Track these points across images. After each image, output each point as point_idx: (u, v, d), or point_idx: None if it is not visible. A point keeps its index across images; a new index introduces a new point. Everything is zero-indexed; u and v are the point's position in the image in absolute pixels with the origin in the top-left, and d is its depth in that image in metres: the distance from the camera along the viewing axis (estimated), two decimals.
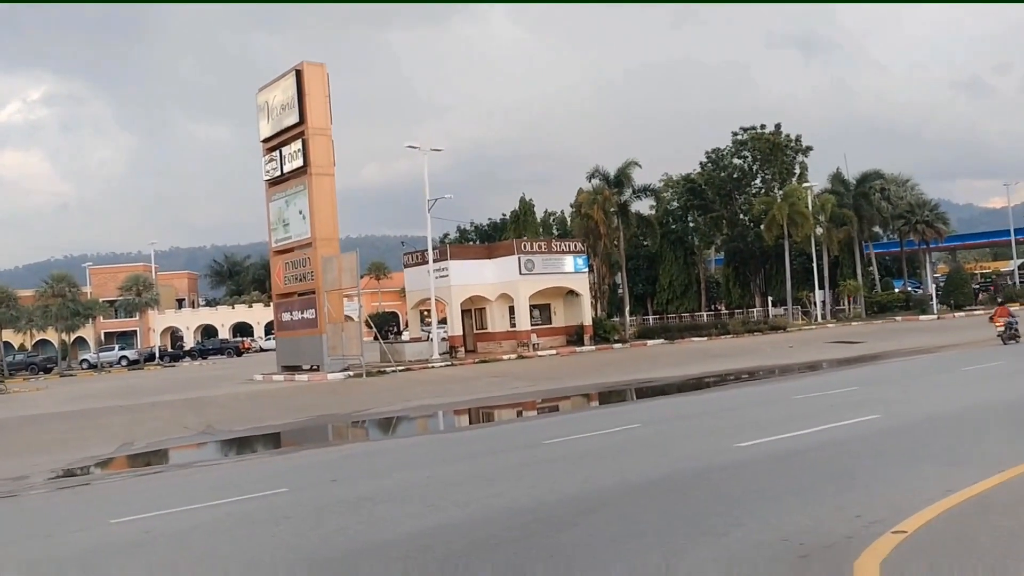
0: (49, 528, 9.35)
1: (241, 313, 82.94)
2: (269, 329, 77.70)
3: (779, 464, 9.61)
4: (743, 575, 5.85)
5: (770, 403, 16.39)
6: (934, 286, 53.59)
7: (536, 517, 7.79)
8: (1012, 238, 61.35)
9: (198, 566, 7.23)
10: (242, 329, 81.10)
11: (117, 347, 66.16)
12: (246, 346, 69.09)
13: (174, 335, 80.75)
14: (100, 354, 60.23)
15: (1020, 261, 61.89)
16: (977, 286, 59.66)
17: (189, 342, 77.01)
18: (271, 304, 74.42)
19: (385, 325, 67.16)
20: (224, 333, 79.43)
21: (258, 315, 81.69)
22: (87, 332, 67.00)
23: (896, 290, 58.04)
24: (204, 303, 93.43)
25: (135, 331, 76.43)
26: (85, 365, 60.80)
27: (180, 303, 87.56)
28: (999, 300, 52.74)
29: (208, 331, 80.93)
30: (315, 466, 13.00)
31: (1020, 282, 59.35)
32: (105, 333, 74.04)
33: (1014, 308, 48.74)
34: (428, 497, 9.09)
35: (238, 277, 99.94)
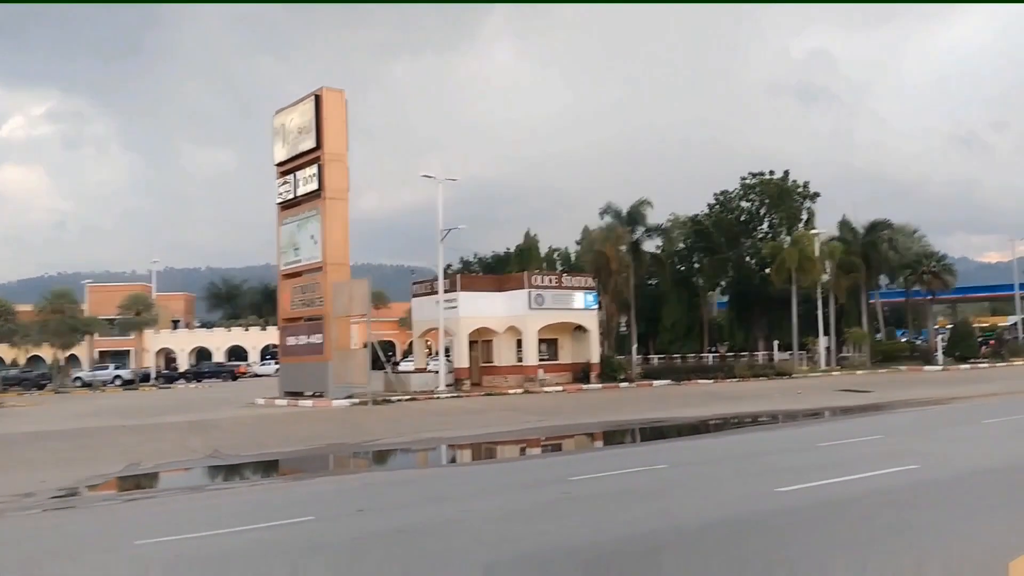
0: (73, 549, 8.98)
1: (237, 336, 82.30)
2: (264, 354, 77.11)
3: (831, 512, 9.34)
4: None
5: (796, 449, 16.08)
6: (940, 337, 53.52)
7: (594, 557, 7.48)
8: (1016, 292, 61.54)
9: None
10: (237, 353, 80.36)
11: (112, 366, 65.35)
12: (242, 370, 68.37)
13: (168, 356, 79.97)
14: (94, 372, 59.48)
15: (1022, 316, 61.94)
16: (980, 339, 59.60)
17: (183, 364, 76.25)
18: (267, 328, 74.60)
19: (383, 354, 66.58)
20: (219, 356, 78.62)
21: (254, 339, 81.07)
22: (81, 350, 66.27)
23: (899, 339, 57.95)
24: (199, 325, 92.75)
25: (129, 351, 75.73)
26: (78, 383, 59.92)
27: (176, 324, 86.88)
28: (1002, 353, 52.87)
29: (202, 354, 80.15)
30: (336, 494, 12.62)
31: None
32: (99, 351, 73.32)
33: (1018, 363, 49.04)
34: (469, 532, 8.77)
35: (235, 301, 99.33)
